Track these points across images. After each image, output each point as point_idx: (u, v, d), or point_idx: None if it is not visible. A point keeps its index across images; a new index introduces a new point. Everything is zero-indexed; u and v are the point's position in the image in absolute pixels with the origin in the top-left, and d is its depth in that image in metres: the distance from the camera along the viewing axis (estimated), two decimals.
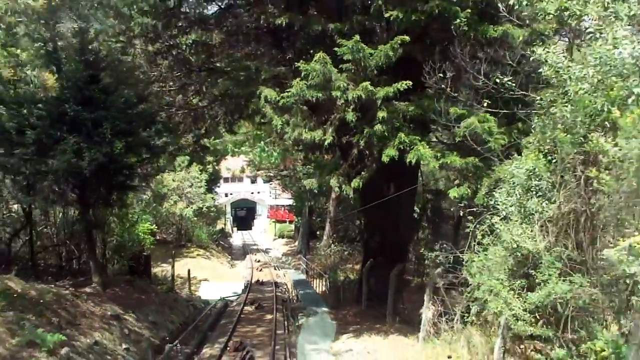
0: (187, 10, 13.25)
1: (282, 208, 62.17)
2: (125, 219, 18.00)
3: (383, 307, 14.40)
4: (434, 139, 10.32)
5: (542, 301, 5.74)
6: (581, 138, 5.71)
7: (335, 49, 9.44)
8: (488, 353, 8.15)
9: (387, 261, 14.81)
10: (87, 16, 14.24)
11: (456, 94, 9.07)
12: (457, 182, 9.10)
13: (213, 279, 28.26)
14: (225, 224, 60.86)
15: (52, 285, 11.43)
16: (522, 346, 7.03)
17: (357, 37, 8.97)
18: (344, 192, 10.45)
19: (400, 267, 14.35)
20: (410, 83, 8.96)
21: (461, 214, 9.06)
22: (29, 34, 12.26)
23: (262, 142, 27.59)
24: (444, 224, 21.66)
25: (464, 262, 8.05)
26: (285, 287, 24.86)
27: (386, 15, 9.22)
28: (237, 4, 12.64)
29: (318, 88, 9.40)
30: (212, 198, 39.32)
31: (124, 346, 10.77)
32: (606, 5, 5.83)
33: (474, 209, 8.11)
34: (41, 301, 9.97)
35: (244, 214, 78.82)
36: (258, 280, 26.76)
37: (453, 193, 8.57)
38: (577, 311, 5.83)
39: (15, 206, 16.09)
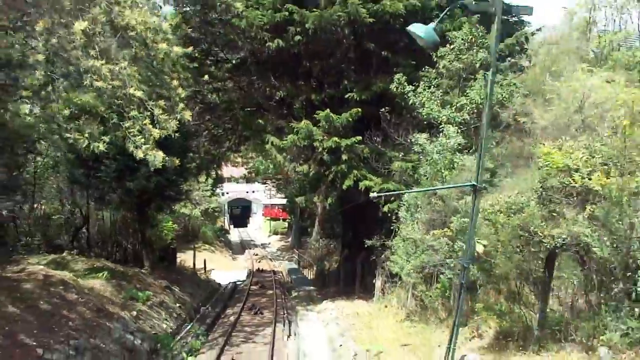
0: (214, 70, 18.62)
1: (276, 207, 67.41)
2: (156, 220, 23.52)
3: (355, 284, 20.09)
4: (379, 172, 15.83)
5: (417, 265, 11.39)
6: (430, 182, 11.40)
7: (315, 114, 15.08)
8: (404, 300, 13.87)
9: (357, 251, 20.42)
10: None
11: (384, 149, 14.73)
12: (392, 199, 14.58)
13: (219, 268, 33.77)
14: (223, 222, 66.08)
15: (130, 266, 16.97)
16: (416, 292, 12.74)
17: (328, 110, 14.61)
18: (325, 202, 16.09)
19: (364, 255, 19.98)
20: (360, 138, 14.64)
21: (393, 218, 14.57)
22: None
23: (260, 157, 33.06)
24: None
25: (391, 247, 13.74)
26: (281, 274, 30.56)
27: (346, 96, 14.90)
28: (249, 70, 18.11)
29: (304, 139, 15.04)
30: (216, 200, 44.81)
31: (177, 305, 16.35)
32: (444, 113, 11.54)
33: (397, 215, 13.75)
34: (128, 274, 15.52)
35: (240, 212, 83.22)
36: (258, 269, 32.40)
37: (385, 208, 14.21)
38: (435, 270, 11.47)
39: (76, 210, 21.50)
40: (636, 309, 5.95)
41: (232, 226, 74.04)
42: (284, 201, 55.67)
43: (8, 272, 11.94)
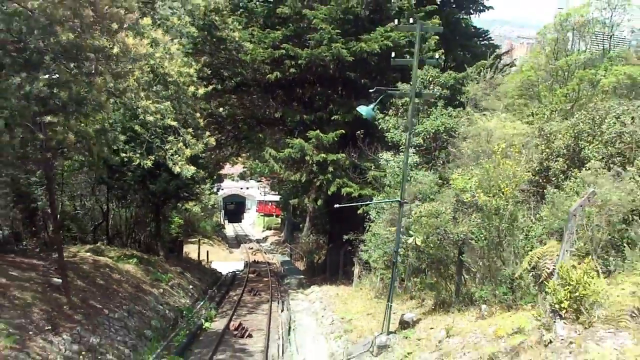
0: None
1: (270, 204, 70.84)
2: (169, 216, 26.97)
3: (338, 273, 23.71)
4: (358, 179, 19.38)
5: (381, 256, 14.97)
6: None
7: (307, 132, 18.61)
8: (374, 283, 17.47)
9: (341, 245, 24.02)
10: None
11: (360, 162, 18.30)
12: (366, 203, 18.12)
13: (218, 260, 37.25)
14: (219, 217, 69.37)
15: (150, 254, 20.43)
16: (381, 275, 16.35)
17: (318, 131, 18.12)
18: (315, 204, 19.64)
19: (346, 248, 23.58)
20: (343, 155, 18.20)
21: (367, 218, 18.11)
22: None
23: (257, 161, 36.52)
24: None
25: (364, 241, 17.33)
26: (275, 265, 34.12)
27: (332, 118, 18.44)
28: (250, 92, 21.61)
29: (298, 152, 18.56)
30: (215, 197, 48.21)
31: (191, 287, 19.83)
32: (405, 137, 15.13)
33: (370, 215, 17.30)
34: (151, 261, 18.97)
35: (235, 208, 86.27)
36: (254, 261, 35.93)
37: (360, 210, 17.76)
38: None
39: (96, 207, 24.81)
40: (504, 282, 9.50)
41: (226, 221, 77.27)
42: (278, 198, 59.05)
43: (64, 257, 15.33)
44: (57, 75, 9.58)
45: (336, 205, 12.71)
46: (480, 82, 16.00)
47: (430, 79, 16.69)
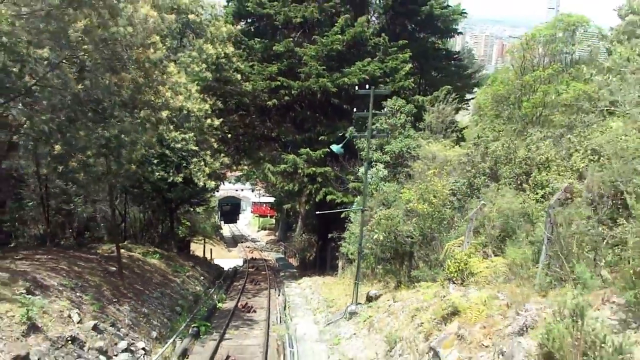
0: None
1: (264, 205, 74.66)
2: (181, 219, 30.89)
3: (326, 266, 27.77)
4: (340, 188, 23.40)
5: (356, 249, 19.00)
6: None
7: (299, 149, 22.64)
8: (353, 272, 21.49)
9: (328, 242, 28.09)
10: None
11: (341, 174, 22.35)
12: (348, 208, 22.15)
13: (220, 257, 41.16)
14: (215, 218, 73.03)
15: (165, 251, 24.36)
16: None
17: (308, 149, 22.13)
18: (305, 207, 23.68)
19: (333, 245, 27.62)
20: (329, 168, 22.24)
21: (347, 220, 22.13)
22: None
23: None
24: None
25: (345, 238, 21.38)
26: (271, 261, 38.11)
27: (319, 138, 22.51)
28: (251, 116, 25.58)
29: (291, 166, 22.58)
30: (215, 199, 52.05)
31: (202, 278, 23.76)
32: (376, 155, 19.17)
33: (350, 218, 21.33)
34: (169, 257, 22.88)
35: (230, 209, 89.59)
36: (252, 258, 39.88)
37: (344, 214, 21.78)
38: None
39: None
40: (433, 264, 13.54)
41: (222, 222, 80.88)
42: (272, 200, 62.88)
43: (104, 252, 19.22)
44: (119, 123, 13.49)
45: (317, 212, 16.73)
46: (434, 112, 20.07)
47: (398, 108, 20.77)
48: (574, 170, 12.18)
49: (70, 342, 9.88)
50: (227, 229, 74.23)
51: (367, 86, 22.53)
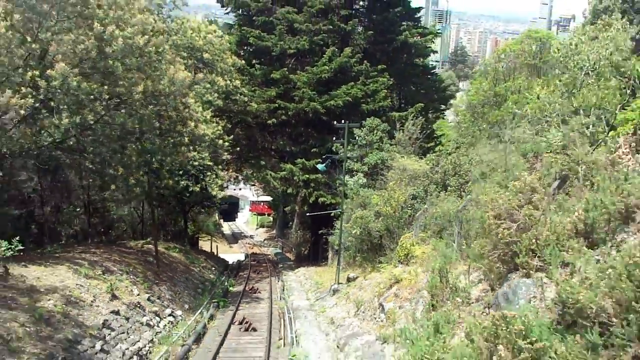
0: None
1: (262, 203, 78.92)
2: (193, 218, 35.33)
3: (318, 258, 32.32)
4: (329, 192, 27.84)
5: (340, 241, 23.50)
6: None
7: (295, 160, 27.16)
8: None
9: (320, 237, 32.61)
10: None
11: (330, 181, 26.83)
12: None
13: (224, 252, 45.61)
14: (215, 217, 77.14)
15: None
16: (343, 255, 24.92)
17: (304, 159, 26.59)
18: (301, 208, 28.20)
19: (324, 240, 32.13)
20: (321, 175, 26.74)
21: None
22: None
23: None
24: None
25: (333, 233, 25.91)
26: (270, 255, 42.64)
27: (312, 150, 27.01)
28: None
29: (289, 174, 27.08)
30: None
31: (213, 268, 28.22)
32: (357, 166, 23.63)
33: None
34: (185, 251, 27.33)
35: (229, 208, 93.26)
36: (253, 253, 44.36)
37: (332, 213, 26.23)
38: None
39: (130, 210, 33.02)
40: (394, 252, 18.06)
41: (222, 220, 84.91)
42: (269, 199, 67.18)
43: (136, 247, 23.64)
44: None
45: (308, 214, 21.20)
46: (404, 130, 24.57)
47: (375, 126, 25.25)
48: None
49: (136, 306, 14.38)
50: (227, 227, 78.35)
51: (351, 106, 26.86)
